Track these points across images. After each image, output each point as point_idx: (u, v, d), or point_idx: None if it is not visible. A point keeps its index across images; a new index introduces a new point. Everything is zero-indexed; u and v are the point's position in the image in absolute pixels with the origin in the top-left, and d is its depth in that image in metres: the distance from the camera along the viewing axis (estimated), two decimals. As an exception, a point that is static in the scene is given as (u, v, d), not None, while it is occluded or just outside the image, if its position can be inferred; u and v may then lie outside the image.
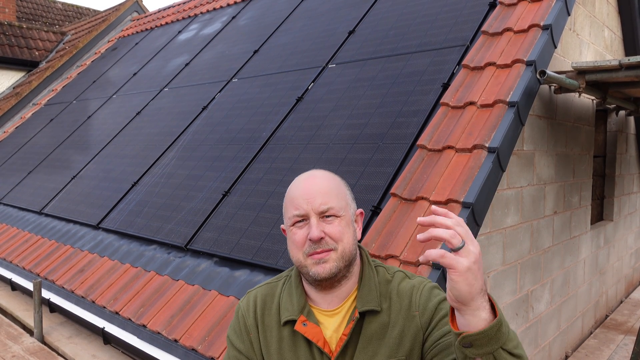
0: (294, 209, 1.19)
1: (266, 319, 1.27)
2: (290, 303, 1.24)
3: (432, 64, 3.34)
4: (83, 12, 14.05)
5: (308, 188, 1.20)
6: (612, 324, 4.93)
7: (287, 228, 1.24)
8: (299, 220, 1.19)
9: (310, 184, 1.21)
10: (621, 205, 5.45)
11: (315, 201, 1.17)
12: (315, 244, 1.16)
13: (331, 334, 1.21)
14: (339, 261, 1.17)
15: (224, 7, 6.83)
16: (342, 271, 1.19)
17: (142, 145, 4.72)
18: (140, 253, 3.45)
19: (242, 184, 3.38)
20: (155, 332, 2.74)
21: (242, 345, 1.27)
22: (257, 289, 1.34)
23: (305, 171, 1.29)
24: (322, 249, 1.16)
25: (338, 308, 1.23)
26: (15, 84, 8.98)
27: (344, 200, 1.23)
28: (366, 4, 4.60)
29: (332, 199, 1.19)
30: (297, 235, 1.19)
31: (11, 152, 6.73)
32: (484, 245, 2.89)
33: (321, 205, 1.17)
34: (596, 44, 4.39)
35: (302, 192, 1.20)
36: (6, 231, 4.76)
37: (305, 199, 1.18)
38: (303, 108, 3.72)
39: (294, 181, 1.26)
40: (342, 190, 1.24)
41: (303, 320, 1.20)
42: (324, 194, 1.18)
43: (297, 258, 1.21)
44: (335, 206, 1.19)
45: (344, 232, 1.18)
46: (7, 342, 3.30)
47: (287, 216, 1.22)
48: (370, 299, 1.20)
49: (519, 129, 2.78)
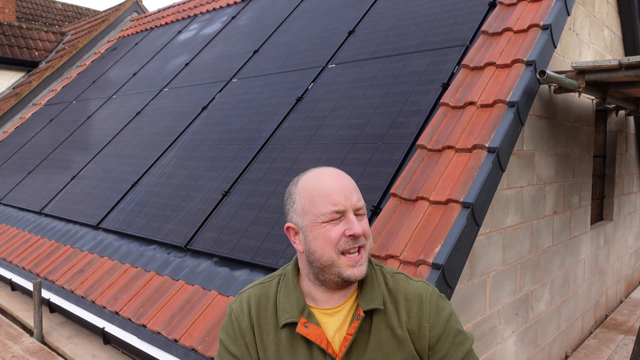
0: (332, 205, 1.15)
1: (262, 321, 1.23)
2: (289, 305, 1.20)
3: (432, 64, 3.34)
4: (83, 12, 14.05)
5: (342, 184, 1.18)
6: (612, 323, 4.93)
7: (312, 225, 1.17)
8: (337, 217, 1.15)
9: (343, 180, 1.20)
10: (621, 205, 5.45)
11: (353, 197, 1.17)
12: (354, 240, 1.15)
13: (333, 334, 1.18)
14: (367, 260, 1.18)
15: (224, 7, 6.83)
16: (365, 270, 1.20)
17: (142, 145, 4.72)
18: (140, 253, 3.45)
19: (242, 184, 3.38)
20: (155, 332, 2.74)
21: (237, 349, 1.22)
22: (250, 290, 1.29)
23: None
24: (358, 244, 1.15)
25: (339, 306, 1.20)
26: (15, 84, 8.97)
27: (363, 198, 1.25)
28: (366, 4, 4.60)
29: (361, 196, 1.21)
30: (333, 231, 1.14)
31: (11, 152, 6.73)
32: (484, 245, 2.89)
33: (358, 202, 1.17)
34: (596, 44, 4.39)
35: (337, 187, 1.17)
36: (6, 231, 4.76)
37: (343, 194, 1.16)
38: (303, 108, 3.72)
39: (314, 177, 1.21)
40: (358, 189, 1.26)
41: (304, 322, 1.17)
42: (356, 190, 1.20)
43: (330, 256, 1.15)
44: (364, 204, 1.21)
45: (369, 230, 1.20)
46: (7, 342, 3.30)
47: (319, 212, 1.16)
48: (374, 298, 1.19)
49: (518, 129, 2.78)
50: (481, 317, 2.89)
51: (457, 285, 2.58)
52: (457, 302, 2.65)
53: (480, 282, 2.86)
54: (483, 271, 2.89)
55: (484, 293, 2.91)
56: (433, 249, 2.24)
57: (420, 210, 2.46)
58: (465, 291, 2.72)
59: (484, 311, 2.92)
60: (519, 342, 3.36)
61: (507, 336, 3.21)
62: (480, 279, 2.86)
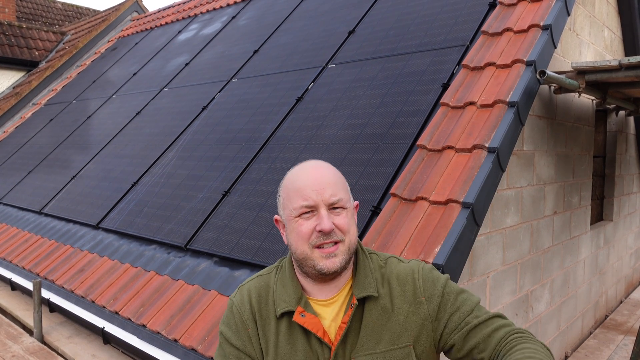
0: (302, 200, 1.15)
1: (263, 312, 1.23)
2: (285, 294, 1.21)
3: (432, 64, 3.34)
4: (83, 12, 14.05)
5: (316, 178, 1.16)
6: (612, 324, 4.93)
7: (288, 219, 1.19)
8: (307, 211, 1.15)
9: (318, 173, 1.17)
10: (621, 206, 5.45)
11: (326, 192, 1.15)
12: (324, 235, 1.14)
13: (329, 323, 1.19)
14: (346, 254, 1.16)
15: (224, 7, 6.83)
16: (347, 264, 1.18)
17: (142, 145, 4.72)
18: (140, 253, 3.45)
19: (242, 183, 3.38)
20: (155, 332, 2.74)
21: (239, 341, 1.22)
22: (250, 282, 1.29)
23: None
24: (330, 239, 1.14)
25: (334, 297, 1.21)
26: (15, 83, 8.98)
27: (347, 192, 1.21)
28: (366, 4, 4.60)
29: (340, 190, 1.17)
30: (304, 226, 1.15)
31: (11, 151, 6.73)
32: (484, 245, 2.89)
33: (331, 197, 1.15)
34: (596, 44, 4.39)
35: (310, 182, 1.16)
36: (6, 231, 4.76)
37: (314, 189, 1.14)
38: (303, 108, 3.72)
39: (295, 170, 1.22)
40: (344, 182, 1.23)
41: (301, 311, 1.18)
42: (333, 185, 1.16)
43: (303, 250, 1.16)
44: (343, 197, 1.17)
45: (350, 224, 1.17)
46: (6, 341, 3.30)
47: (292, 207, 1.17)
48: (367, 285, 1.19)
49: (518, 129, 2.78)
50: (481, 317, 2.89)
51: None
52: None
53: (480, 282, 2.86)
54: (483, 271, 2.89)
55: (484, 293, 2.91)
56: (433, 249, 2.24)
57: (420, 210, 2.46)
58: (465, 291, 2.72)
59: (484, 311, 2.92)
60: (518, 342, 3.36)
61: (507, 336, 3.20)
62: (480, 279, 2.86)
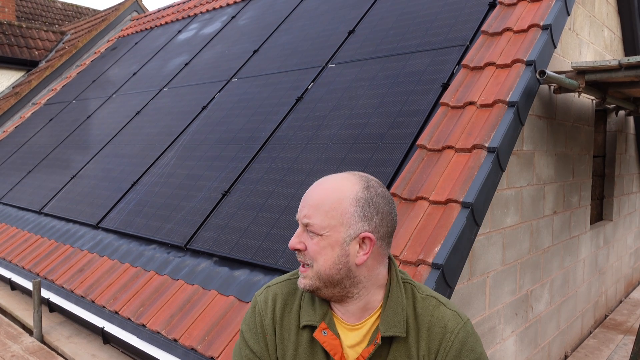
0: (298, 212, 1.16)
1: (285, 320, 1.18)
2: (311, 307, 1.16)
3: (431, 63, 3.34)
4: (83, 11, 14.05)
5: (307, 195, 1.15)
6: (612, 323, 4.93)
7: None
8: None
9: (312, 190, 1.15)
10: (621, 205, 5.45)
11: (302, 211, 1.13)
12: (293, 250, 1.14)
13: (349, 348, 1.13)
14: (315, 280, 1.11)
15: (224, 6, 6.83)
16: (325, 291, 1.12)
17: (142, 144, 4.72)
18: (139, 253, 3.45)
19: (241, 183, 3.38)
20: (155, 332, 2.74)
21: (257, 345, 1.19)
22: (278, 286, 1.24)
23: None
24: (300, 259, 1.14)
25: (359, 324, 1.14)
26: (14, 83, 8.97)
27: (337, 219, 1.09)
28: (366, 4, 4.60)
29: (318, 214, 1.10)
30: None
31: (11, 151, 6.73)
32: (484, 245, 2.89)
33: (304, 218, 1.12)
34: (596, 44, 4.39)
35: (304, 196, 1.16)
36: (6, 231, 4.76)
37: (301, 204, 1.15)
38: (303, 108, 3.72)
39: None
40: (340, 208, 1.09)
41: (324, 327, 1.13)
42: (312, 207, 1.11)
43: None
44: (317, 224, 1.09)
45: (319, 253, 1.09)
46: (6, 341, 3.29)
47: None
48: (396, 324, 1.10)
49: (518, 129, 2.78)
50: (481, 317, 2.90)
51: (457, 285, 2.58)
52: (456, 302, 2.65)
53: (479, 282, 2.87)
54: (483, 271, 2.89)
55: (483, 293, 2.91)
56: (433, 249, 2.24)
57: (420, 210, 2.46)
58: (464, 291, 2.72)
59: (484, 311, 2.92)
60: (518, 342, 3.36)
61: (507, 336, 3.21)
62: (479, 279, 2.86)
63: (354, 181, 1.12)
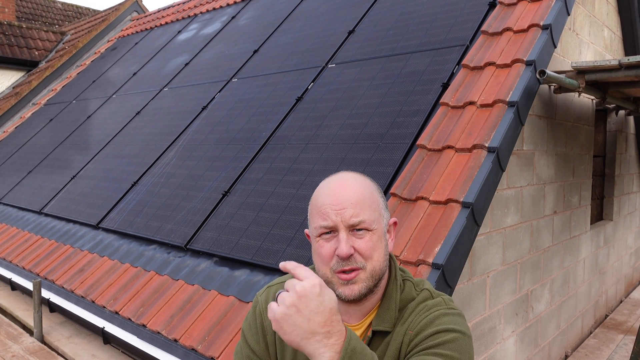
0: (321, 219, 1.06)
1: None
2: None
3: (431, 63, 3.34)
4: (83, 11, 14.05)
5: (338, 196, 1.06)
6: (612, 323, 4.93)
7: (312, 237, 1.12)
8: (326, 232, 1.06)
9: (341, 191, 1.07)
10: (621, 205, 5.45)
11: (346, 213, 1.04)
12: (343, 260, 1.04)
13: None
14: (368, 281, 1.06)
15: (224, 7, 6.83)
16: (371, 289, 1.09)
17: (142, 145, 4.72)
18: (140, 253, 3.45)
19: (242, 183, 3.38)
20: (155, 332, 2.74)
21: (257, 345, 1.20)
22: (279, 285, 1.23)
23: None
24: (350, 266, 1.05)
25: (358, 324, 1.14)
26: (14, 83, 8.97)
27: (377, 210, 1.09)
28: (366, 3, 4.60)
29: (365, 210, 1.06)
30: (324, 248, 1.06)
31: (11, 151, 6.73)
32: (484, 245, 2.89)
33: (352, 218, 1.04)
34: (596, 44, 4.39)
35: (331, 200, 1.06)
36: (6, 231, 4.76)
37: (334, 209, 1.05)
38: (303, 108, 3.72)
39: (321, 184, 1.13)
40: (375, 199, 1.10)
41: None
42: (356, 205, 1.05)
43: (324, 273, 1.08)
44: (368, 219, 1.05)
45: (374, 248, 1.06)
46: (7, 341, 3.30)
47: (313, 225, 1.09)
48: (387, 319, 1.11)
49: (518, 129, 2.78)
50: (481, 317, 2.89)
51: (457, 285, 2.58)
52: (456, 302, 2.65)
53: (480, 282, 2.86)
54: (483, 271, 2.89)
55: (483, 293, 2.91)
56: (433, 249, 2.24)
57: (420, 210, 2.46)
58: (465, 291, 2.72)
59: (484, 311, 2.92)
60: (518, 342, 3.36)
61: (507, 336, 3.21)
62: (480, 279, 2.86)
63: (362, 175, 1.15)
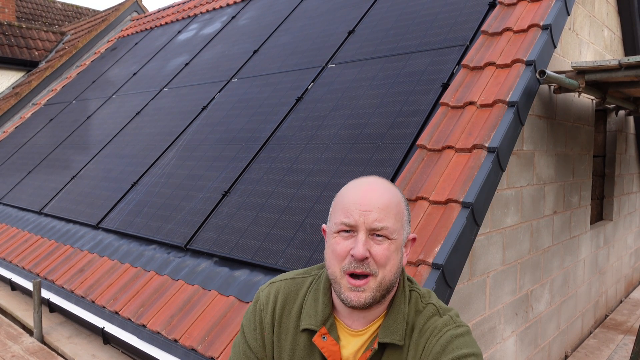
0: (344, 216, 1.05)
1: (284, 320, 1.17)
2: (314, 310, 1.13)
3: (431, 63, 3.34)
4: (82, 12, 14.05)
5: (366, 197, 1.05)
6: (612, 323, 4.93)
7: (329, 232, 1.10)
8: (346, 229, 1.05)
9: (370, 193, 1.06)
10: (621, 205, 5.45)
11: (370, 215, 1.03)
12: (356, 262, 1.03)
13: (349, 354, 1.11)
14: (376, 291, 1.04)
15: (224, 7, 6.83)
16: (377, 299, 1.07)
17: (142, 145, 4.72)
18: (140, 253, 3.45)
19: (242, 183, 3.38)
20: (155, 332, 2.74)
21: (254, 342, 1.19)
22: (282, 282, 1.21)
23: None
24: (362, 270, 1.03)
25: (362, 330, 1.12)
26: (14, 84, 8.97)
27: (401, 222, 1.08)
28: (366, 4, 4.60)
29: (390, 217, 1.05)
30: (340, 245, 1.05)
31: (11, 152, 6.73)
32: (484, 245, 2.89)
33: (375, 222, 1.03)
34: (596, 44, 4.39)
35: (358, 199, 1.05)
36: (6, 231, 4.76)
37: (360, 209, 1.04)
38: (303, 108, 3.72)
39: (352, 183, 1.11)
40: (401, 210, 1.09)
41: (324, 333, 1.10)
42: (382, 210, 1.04)
43: (333, 271, 1.07)
44: (390, 227, 1.04)
45: (390, 258, 1.05)
46: (6, 342, 3.30)
47: (334, 221, 1.08)
48: (394, 331, 1.08)
49: (518, 129, 2.78)
50: (481, 317, 2.89)
51: (457, 285, 2.58)
52: (456, 302, 2.65)
53: (480, 282, 2.87)
54: (483, 271, 2.89)
55: (483, 293, 2.91)
56: (433, 249, 2.24)
57: (420, 210, 2.46)
58: (465, 291, 2.72)
59: (484, 311, 2.92)
60: (518, 342, 3.36)
61: (507, 336, 3.21)
62: (480, 279, 2.86)
63: (393, 185, 1.13)
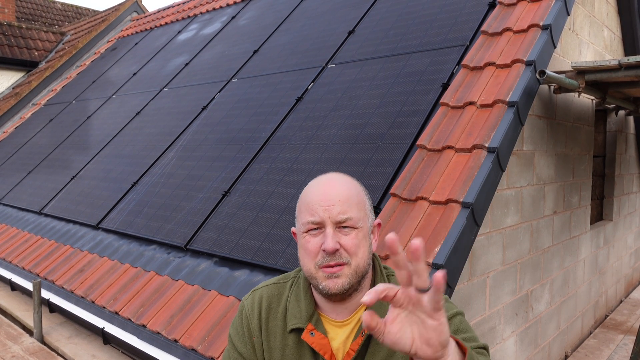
0: (309, 215, 1.10)
1: (270, 323, 1.20)
2: (297, 309, 1.17)
3: (431, 64, 3.34)
4: (82, 12, 14.05)
5: (326, 193, 1.10)
6: (612, 323, 4.93)
7: (298, 233, 1.15)
8: (314, 227, 1.10)
9: (329, 189, 1.11)
10: (621, 205, 5.45)
11: (334, 209, 1.08)
12: (329, 255, 1.08)
13: (338, 345, 1.14)
14: (352, 277, 1.09)
15: (224, 7, 6.83)
16: (354, 286, 1.11)
17: (142, 145, 4.72)
18: (140, 253, 3.45)
19: (242, 184, 3.38)
20: (155, 332, 2.74)
21: (244, 348, 1.21)
22: (264, 288, 1.26)
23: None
24: (335, 261, 1.08)
25: (347, 320, 1.16)
26: (14, 84, 8.97)
27: (363, 210, 1.14)
28: (366, 4, 4.60)
29: (352, 208, 1.10)
30: (310, 243, 1.10)
31: (11, 152, 6.73)
32: (484, 245, 2.89)
33: (339, 215, 1.08)
34: (595, 44, 4.39)
35: (320, 197, 1.10)
36: (6, 231, 4.76)
37: (322, 205, 1.09)
38: (303, 108, 3.72)
39: (310, 183, 1.17)
40: (362, 199, 1.15)
41: (311, 329, 1.14)
42: (344, 202, 1.09)
43: (308, 268, 1.12)
44: (354, 217, 1.10)
45: (359, 246, 1.10)
46: (6, 342, 3.30)
47: (301, 222, 1.13)
48: (380, 313, 1.11)
49: (518, 129, 2.78)
50: (481, 317, 2.89)
51: (457, 285, 2.58)
52: (456, 302, 2.65)
53: (480, 282, 2.86)
54: (483, 271, 2.89)
55: (483, 293, 2.91)
56: (433, 249, 2.24)
57: (420, 210, 2.46)
58: (464, 291, 2.72)
59: (484, 311, 2.92)
60: (518, 342, 3.36)
61: (507, 336, 3.21)
62: (480, 279, 2.86)
63: (349, 177, 1.19)
